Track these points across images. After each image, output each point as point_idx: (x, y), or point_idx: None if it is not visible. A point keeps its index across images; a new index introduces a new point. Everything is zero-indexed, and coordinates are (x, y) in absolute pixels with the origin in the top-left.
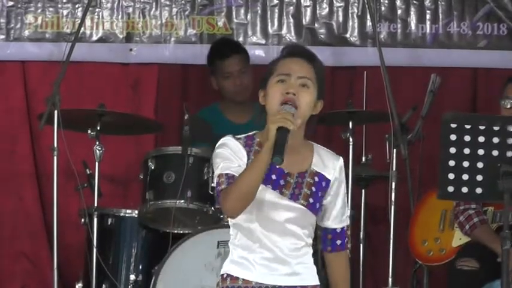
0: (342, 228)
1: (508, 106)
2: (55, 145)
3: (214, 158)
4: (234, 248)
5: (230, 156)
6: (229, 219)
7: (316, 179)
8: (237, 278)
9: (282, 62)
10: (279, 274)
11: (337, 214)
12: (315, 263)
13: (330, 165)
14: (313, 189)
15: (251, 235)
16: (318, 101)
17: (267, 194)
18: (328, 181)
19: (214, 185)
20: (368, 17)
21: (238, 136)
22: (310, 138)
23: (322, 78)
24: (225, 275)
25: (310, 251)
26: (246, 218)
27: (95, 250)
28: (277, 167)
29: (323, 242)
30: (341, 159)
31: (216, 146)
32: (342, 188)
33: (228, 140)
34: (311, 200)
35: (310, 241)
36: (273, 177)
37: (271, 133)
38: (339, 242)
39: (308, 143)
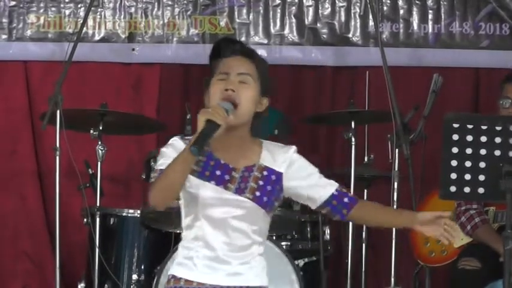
0: (337, 190)
1: (507, 106)
2: (57, 145)
3: (158, 157)
4: (181, 250)
5: (170, 154)
6: (182, 222)
7: (265, 173)
8: (180, 279)
9: (222, 61)
10: (220, 274)
11: (321, 184)
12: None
13: (279, 159)
14: (261, 183)
15: (197, 234)
16: (263, 98)
17: (211, 190)
18: (279, 174)
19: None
20: (370, 16)
21: (187, 137)
22: (312, 138)
23: (265, 75)
24: (170, 276)
25: (260, 250)
26: (194, 217)
27: (97, 250)
28: (222, 162)
29: (338, 213)
30: (293, 149)
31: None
32: (307, 169)
33: (173, 140)
34: (258, 194)
35: (259, 239)
36: (218, 173)
37: (199, 124)
38: (346, 199)
39: (256, 139)
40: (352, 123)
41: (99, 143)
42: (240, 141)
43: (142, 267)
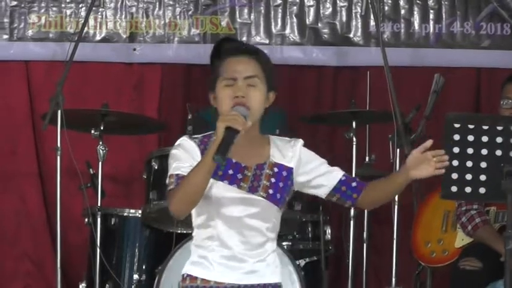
0: (344, 175)
1: (509, 106)
2: (58, 145)
3: (169, 159)
4: (194, 249)
5: (183, 157)
6: (192, 221)
7: (276, 169)
8: (196, 278)
9: (226, 63)
10: (237, 273)
11: (329, 172)
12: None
13: (288, 153)
14: (273, 180)
15: (212, 234)
16: (269, 92)
17: (224, 189)
18: (289, 169)
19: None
20: (371, 16)
21: (195, 136)
22: (313, 138)
23: (270, 70)
24: (185, 275)
25: (273, 247)
26: (207, 217)
27: (98, 250)
28: (234, 161)
29: (348, 199)
30: (300, 142)
31: (173, 147)
32: (315, 161)
33: (182, 140)
34: (271, 191)
35: (273, 236)
36: (230, 172)
37: (219, 132)
38: (354, 183)
39: (264, 136)
40: (353, 123)
41: (100, 143)
42: (250, 139)
43: (144, 267)
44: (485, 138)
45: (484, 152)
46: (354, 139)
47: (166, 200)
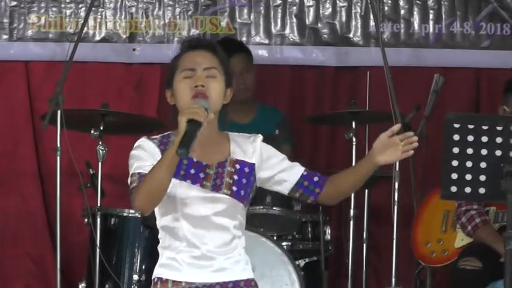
0: (305, 170)
1: None
2: (58, 145)
3: (129, 160)
4: (162, 251)
5: (143, 156)
6: (157, 224)
7: (238, 166)
8: (167, 281)
9: (184, 57)
10: (207, 271)
11: (290, 167)
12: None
13: (249, 149)
14: (235, 177)
15: (178, 235)
16: (227, 89)
17: (188, 189)
18: (251, 165)
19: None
20: (371, 17)
21: (154, 136)
22: (313, 139)
23: (227, 66)
24: (155, 279)
25: (241, 243)
26: (172, 218)
27: (98, 250)
28: (195, 160)
29: (311, 194)
30: (259, 138)
31: (132, 148)
32: (276, 156)
33: (141, 141)
34: (234, 188)
35: (239, 233)
36: (192, 171)
37: (181, 126)
38: (316, 178)
39: (223, 133)
40: (353, 124)
41: (100, 143)
42: (210, 136)
43: (143, 267)
44: (485, 139)
45: (484, 152)
46: (354, 139)
47: (131, 198)
